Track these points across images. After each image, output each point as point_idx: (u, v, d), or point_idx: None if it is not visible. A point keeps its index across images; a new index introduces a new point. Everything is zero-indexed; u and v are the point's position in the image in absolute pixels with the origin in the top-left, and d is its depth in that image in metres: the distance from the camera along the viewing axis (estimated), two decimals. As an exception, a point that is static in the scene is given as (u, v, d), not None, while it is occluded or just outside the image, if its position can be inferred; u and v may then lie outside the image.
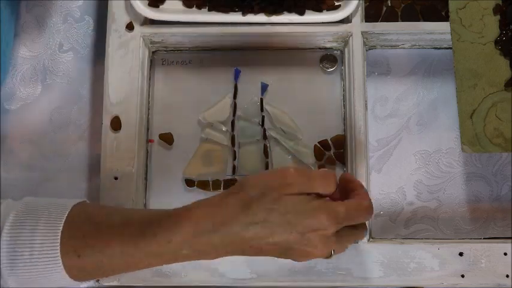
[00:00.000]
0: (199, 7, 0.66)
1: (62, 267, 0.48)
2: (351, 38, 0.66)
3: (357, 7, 0.66)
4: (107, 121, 0.64)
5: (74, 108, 0.69)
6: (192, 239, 0.49)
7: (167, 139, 0.67)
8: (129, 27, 0.66)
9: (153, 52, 0.69)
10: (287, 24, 0.66)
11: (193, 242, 0.49)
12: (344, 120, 0.67)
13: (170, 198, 0.65)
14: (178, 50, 0.69)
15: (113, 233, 0.50)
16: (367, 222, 0.61)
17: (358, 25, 0.66)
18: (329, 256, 0.52)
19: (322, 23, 0.66)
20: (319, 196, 0.50)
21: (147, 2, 0.66)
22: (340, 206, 0.50)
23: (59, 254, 0.48)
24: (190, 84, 0.69)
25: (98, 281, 0.60)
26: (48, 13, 0.71)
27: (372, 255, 0.61)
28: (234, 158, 0.67)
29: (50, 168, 0.67)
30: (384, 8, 0.69)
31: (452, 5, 0.65)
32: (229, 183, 0.66)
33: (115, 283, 0.60)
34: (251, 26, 0.66)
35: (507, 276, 0.60)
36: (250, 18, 0.65)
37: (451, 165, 0.67)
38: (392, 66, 0.69)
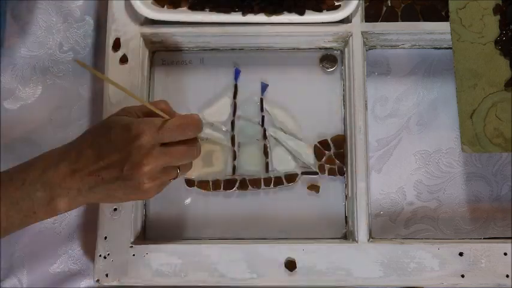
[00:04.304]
0: (174, 6, 0.66)
1: None
2: (351, 38, 0.66)
3: (357, 7, 0.66)
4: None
5: (74, 108, 0.69)
6: (42, 174, 0.51)
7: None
8: (116, 45, 0.66)
9: (153, 52, 0.69)
10: (287, 24, 0.66)
11: (43, 178, 0.51)
12: (344, 120, 0.67)
13: (170, 198, 0.65)
14: (178, 50, 0.69)
15: None
16: (366, 222, 0.62)
17: (358, 25, 0.66)
18: (176, 176, 0.55)
19: (322, 23, 0.66)
20: None
21: (147, 2, 0.66)
22: (152, 118, 0.53)
23: None
24: (190, 84, 0.69)
25: (97, 280, 0.61)
26: (48, 13, 0.71)
27: (372, 255, 0.61)
28: (234, 158, 0.67)
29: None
30: (384, 8, 0.70)
31: (452, 5, 0.65)
32: (229, 183, 0.66)
33: (115, 283, 0.61)
34: (251, 26, 0.66)
35: (507, 276, 0.60)
36: (250, 18, 0.65)
37: (451, 165, 0.67)
38: (392, 66, 0.69)
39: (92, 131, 0.54)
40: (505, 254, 0.60)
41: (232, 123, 0.68)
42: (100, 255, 0.61)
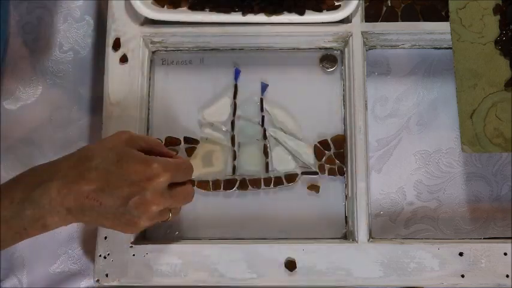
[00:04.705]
0: (174, 6, 0.66)
1: None
2: (351, 38, 0.66)
3: (357, 7, 0.66)
4: (106, 120, 0.64)
5: (74, 108, 0.69)
6: (31, 193, 0.50)
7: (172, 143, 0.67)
8: (116, 45, 0.66)
9: (153, 52, 0.69)
10: (287, 24, 0.66)
11: (34, 196, 0.50)
12: (344, 120, 0.67)
13: (170, 198, 0.65)
14: (178, 50, 0.69)
15: None
16: (366, 222, 0.62)
17: (358, 25, 0.66)
18: (167, 218, 0.55)
19: (322, 23, 0.66)
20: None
21: (147, 2, 0.66)
22: (168, 159, 0.53)
23: None
24: (190, 84, 0.69)
25: (97, 280, 0.61)
26: (48, 13, 0.71)
27: (372, 255, 0.61)
28: (234, 158, 0.67)
29: (50, 168, 0.68)
30: (384, 8, 0.70)
31: (452, 5, 0.65)
32: (229, 183, 0.66)
33: (115, 283, 0.60)
34: (251, 26, 0.66)
35: (507, 276, 0.60)
36: (250, 18, 0.65)
37: (451, 165, 0.67)
38: (392, 66, 0.69)
39: (97, 151, 0.52)
40: (505, 254, 0.60)
41: (232, 123, 0.68)
42: (100, 255, 0.61)
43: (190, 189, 0.56)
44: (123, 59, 0.66)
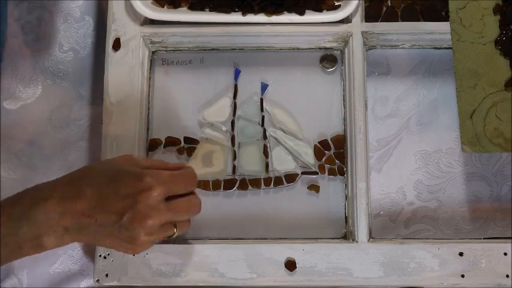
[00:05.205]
0: (174, 6, 0.66)
1: None
2: (351, 38, 0.66)
3: (357, 7, 0.66)
4: (106, 120, 0.64)
5: (74, 108, 0.69)
6: (29, 210, 0.49)
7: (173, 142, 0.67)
8: (116, 45, 0.66)
9: (153, 52, 0.69)
10: (287, 24, 0.66)
11: (30, 214, 0.49)
12: (344, 120, 0.67)
13: (170, 198, 0.65)
14: (178, 50, 0.69)
15: None
16: (366, 222, 0.62)
17: (358, 25, 0.66)
18: (172, 234, 0.54)
19: (322, 23, 0.66)
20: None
21: (147, 2, 0.66)
22: (162, 172, 0.52)
23: None
24: (190, 84, 0.69)
25: (97, 280, 0.61)
26: (48, 13, 0.71)
27: (372, 255, 0.61)
28: (234, 158, 0.67)
29: (50, 168, 0.67)
30: (384, 8, 0.70)
31: (452, 5, 0.65)
32: (229, 183, 0.66)
33: (115, 283, 0.60)
34: (251, 26, 0.66)
35: (507, 276, 0.60)
36: (250, 18, 0.65)
37: (451, 165, 0.67)
38: (392, 66, 0.69)
39: (93, 170, 0.53)
40: (505, 254, 0.60)
41: (232, 123, 0.68)
42: (100, 255, 0.61)
43: (195, 200, 0.55)
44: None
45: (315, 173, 0.66)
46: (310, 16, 0.65)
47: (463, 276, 0.60)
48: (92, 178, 0.51)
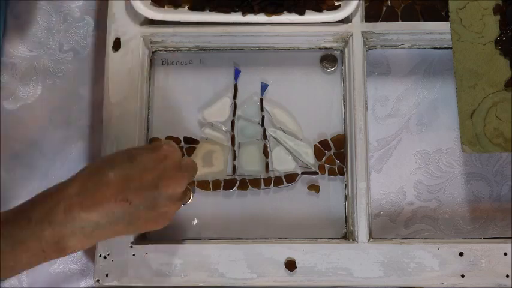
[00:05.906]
0: (174, 6, 0.66)
1: None
2: (351, 38, 0.66)
3: (357, 7, 0.66)
4: (106, 120, 0.64)
5: (74, 108, 0.69)
6: (50, 212, 0.47)
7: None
8: (116, 45, 0.66)
9: (153, 52, 0.69)
10: (287, 24, 0.66)
11: (50, 216, 0.47)
12: (344, 120, 0.67)
13: (170, 198, 0.65)
14: (178, 50, 0.69)
15: None
16: (366, 222, 0.62)
17: (358, 25, 0.66)
18: (189, 199, 0.59)
19: (322, 23, 0.66)
20: None
21: (147, 2, 0.66)
22: (169, 140, 0.56)
23: None
24: (190, 84, 0.69)
25: (97, 280, 0.61)
26: (48, 13, 0.71)
27: (372, 255, 0.61)
28: (234, 158, 0.67)
29: (50, 168, 0.68)
30: (384, 8, 0.70)
31: (452, 5, 0.65)
32: (229, 183, 0.66)
33: (115, 283, 0.60)
34: (251, 26, 0.66)
35: (507, 276, 0.60)
36: (250, 18, 0.65)
37: (451, 165, 0.67)
38: (392, 66, 0.69)
39: (106, 161, 0.51)
40: (505, 254, 0.60)
41: (232, 123, 0.68)
42: (100, 255, 0.61)
43: (190, 161, 0.57)
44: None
45: (315, 173, 0.66)
46: (310, 16, 0.65)
47: (463, 276, 0.60)
48: (110, 163, 0.50)
